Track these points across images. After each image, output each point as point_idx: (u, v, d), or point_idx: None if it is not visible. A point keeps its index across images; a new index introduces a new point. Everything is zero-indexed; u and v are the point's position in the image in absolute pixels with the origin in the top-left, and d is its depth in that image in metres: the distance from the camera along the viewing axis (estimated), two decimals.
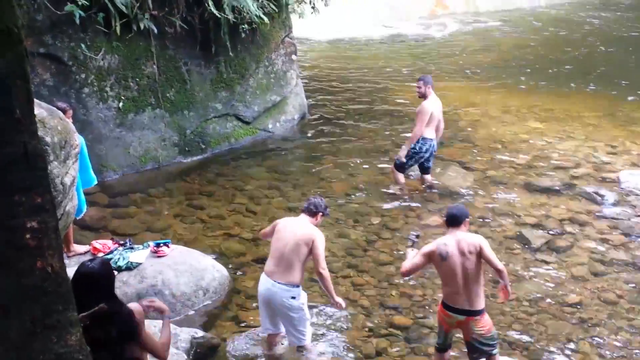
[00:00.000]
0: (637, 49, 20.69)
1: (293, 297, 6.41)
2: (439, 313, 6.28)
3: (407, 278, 7.59)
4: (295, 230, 6.48)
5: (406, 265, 6.24)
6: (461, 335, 6.33)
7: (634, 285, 8.08)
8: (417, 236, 6.66)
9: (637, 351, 6.93)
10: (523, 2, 27.71)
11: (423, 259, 6.13)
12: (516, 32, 23.67)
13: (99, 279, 4.36)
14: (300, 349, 6.72)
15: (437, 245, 6.09)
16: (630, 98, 15.51)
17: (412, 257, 6.28)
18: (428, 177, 10.61)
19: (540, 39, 22.54)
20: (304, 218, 6.62)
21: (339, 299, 6.62)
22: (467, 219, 6.26)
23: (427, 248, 6.16)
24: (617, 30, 23.58)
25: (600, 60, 19.41)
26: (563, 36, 22.97)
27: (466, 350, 6.34)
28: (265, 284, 6.48)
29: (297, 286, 6.45)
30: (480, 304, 6.07)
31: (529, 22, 25.07)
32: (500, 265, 6.10)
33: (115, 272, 5.89)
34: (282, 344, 6.87)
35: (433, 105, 10.20)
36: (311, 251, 6.37)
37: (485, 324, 6.11)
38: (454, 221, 6.18)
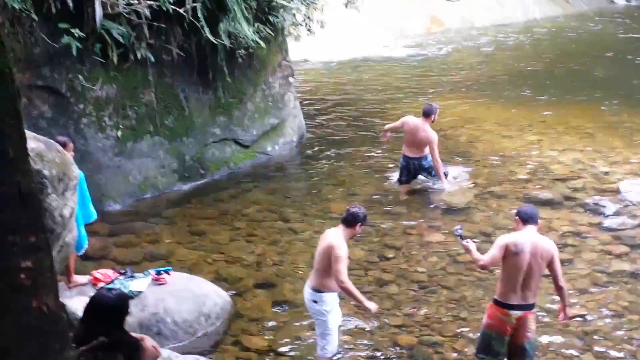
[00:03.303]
0: (634, 59, 20.73)
1: (315, 301, 6.61)
2: (494, 316, 6.14)
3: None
4: (324, 239, 6.67)
5: (485, 258, 6.16)
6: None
7: (637, 296, 8.07)
8: (461, 228, 6.59)
9: None
10: (518, 16, 27.82)
11: (501, 250, 6.04)
12: (512, 46, 23.76)
13: (113, 309, 4.48)
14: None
15: (514, 236, 6.08)
16: (628, 108, 15.53)
17: (474, 248, 6.26)
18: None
19: (537, 51, 22.62)
20: (339, 228, 6.66)
21: (369, 304, 6.61)
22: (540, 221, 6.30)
23: (504, 240, 6.11)
24: (613, 41, 23.67)
25: (598, 71, 19.47)
26: (559, 48, 23.06)
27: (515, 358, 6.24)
28: (305, 286, 6.82)
29: (320, 292, 6.58)
30: (534, 298, 6.11)
31: (524, 36, 25.16)
32: (563, 282, 6.18)
33: None
34: None
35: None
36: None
37: (535, 322, 6.19)
38: (530, 219, 6.16)
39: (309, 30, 14.65)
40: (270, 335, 7.51)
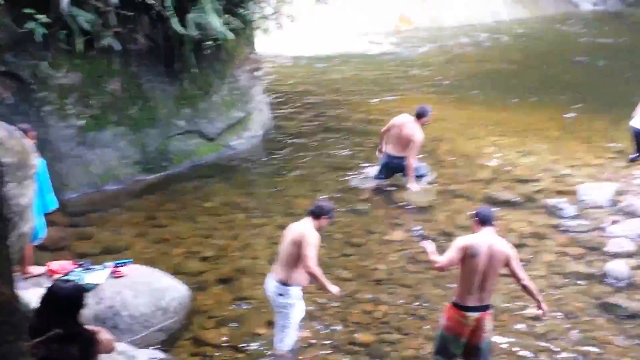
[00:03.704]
0: (598, 63, 21.01)
1: (280, 294, 6.67)
2: (452, 318, 6.18)
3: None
4: (292, 231, 6.72)
5: (442, 260, 6.18)
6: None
7: (591, 297, 8.20)
8: (421, 228, 6.63)
9: None
10: (486, 17, 28.04)
11: (460, 253, 6.09)
12: (479, 47, 23.93)
13: (69, 301, 4.48)
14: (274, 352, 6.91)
15: (472, 240, 6.11)
16: (590, 112, 15.74)
17: (433, 249, 6.33)
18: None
19: (503, 53, 22.81)
20: (306, 221, 6.76)
21: (332, 288, 6.73)
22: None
23: (462, 242, 6.15)
24: (579, 45, 23.95)
25: (563, 75, 19.69)
26: (525, 50, 23.28)
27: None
28: (267, 278, 6.89)
29: (287, 285, 6.65)
30: (490, 299, 6.17)
31: (492, 37, 25.36)
32: (526, 279, 6.25)
33: None
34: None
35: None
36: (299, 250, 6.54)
37: (491, 321, 6.27)
38: (488, 220, 6.22)
39: (278, 24, 14.58)
40: (228, 330, 7.48)
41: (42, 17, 9.53)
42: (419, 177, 11.09)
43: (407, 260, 8.96)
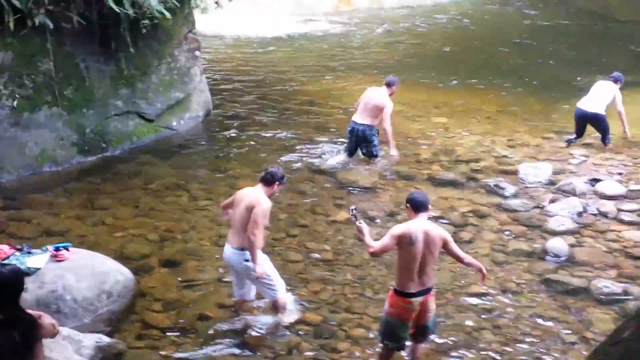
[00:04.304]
0: (537, 46, 21.43)
1: (247, 260, 6.76)
2: (396, 306, 6.17)
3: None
4: (245, 198, 6.83)
5: (375, 245, 6.12)
6: None
7: (533, 274, 8.37)
8: (356, 209, 6.57)
9: (537, 339, 7.18)
10: None
11: (393, 241, 6.06)
12: (419, 28, 24.10)
13: (7, 285, 4.37)
14: (276, 305, 7.13)
15: (409, 228, 6.06)
16: (529, 94, 16.07)
17: (368, 233, 6.21)
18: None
19: (443, 34, 23.06)
20: (258, 187, 6.89)
21: (259, 268, 6.74)
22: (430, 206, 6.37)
23: (398, 230, 6.10)
24: (518, 27, 24.33)
25: (502, 57, 20.04)
26: (466, 32, 23.59)
27: (413, 340, 6.45)
28: (225, 250, 6.97)
29: (247, 249, 6.73)
30: (431, 281, 6.23)
31: (431, 18, 25.56)
32: (467, 258, 6.35)
33: None
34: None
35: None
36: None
37: (434, 301, 6.37)
38: (421, 206, 6.19)
39: (216, 3, 14.34)
40: (175, 313, 7.36)
41: None
42: (375, 156, 11.25)
43: (352, 240, 8.97)
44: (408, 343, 6.46)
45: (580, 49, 21.04)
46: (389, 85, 11.20)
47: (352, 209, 6.40)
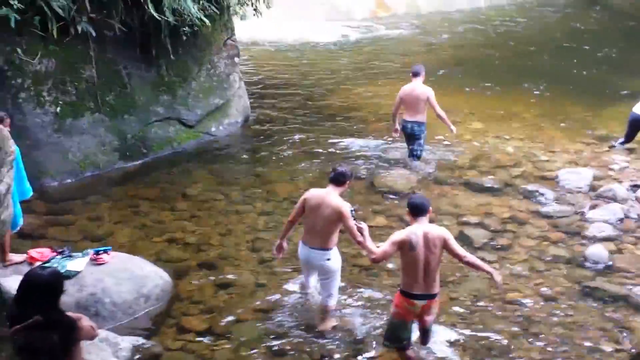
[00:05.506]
0: (577, 49, 21.15)
1: (328, 259, 6.99)
2: (400, 305, 6.32)
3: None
4: (323, 202, 6.92)
5: (377, 252, 6.24)
6: None
7: (572, 281, 8.26)
8: (355, 210, 6.71)
9: (575, 347, 7.07)
10: (463, 4, 28.08)
11: (394, 247, 6.18)
12: (458, 34, 23.96)
13: (47, 287, 4.44)
14: (324, 309, 7.32)
15: (409, 234, 6.14)
16: (570, 98, 15.85)
17: (367, 235, 6.39)
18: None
19: (482, 39, 22.90)
20: (330, 189, 7.00)
21: (371, 247, 6.64)
22: (430, 208, 6.36)
23: (399, 236, 6.19)
24: (557, 31, 24.08)
25: (542, 61, 19.80)
26: (505, 36, 23.36)
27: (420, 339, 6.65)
28: (303, 250, 7.15)
29: (330, 249, 7.00)
30: (437, 287, 6.29)
31: (470, 23, 25.40)
32: (468, 256, 6.29)
33: None
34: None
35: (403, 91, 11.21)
36: (341, 223, 6.81)
37: (437, 306, 6.45)
38: (420, 211, 6.23)
39: (255, 10, 14.46)
40: (211, 316, 7.42)
41: (15, 3, 9.35)
42: (417, 158, 11.35)
43: None
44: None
45: (624, 53, 20.68)
46: (417, 74, 11.19)
47: (351, 210, 6.65)
